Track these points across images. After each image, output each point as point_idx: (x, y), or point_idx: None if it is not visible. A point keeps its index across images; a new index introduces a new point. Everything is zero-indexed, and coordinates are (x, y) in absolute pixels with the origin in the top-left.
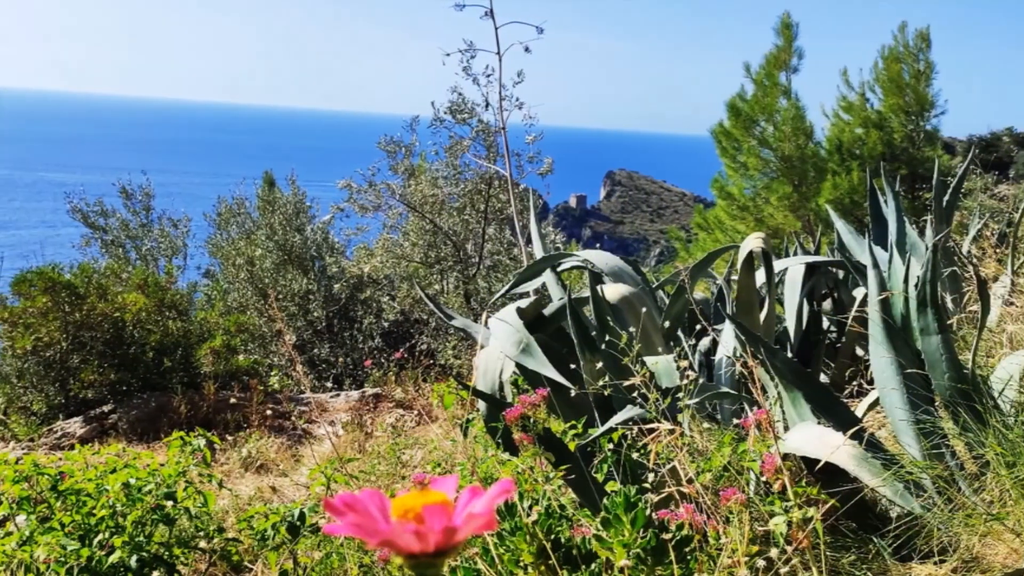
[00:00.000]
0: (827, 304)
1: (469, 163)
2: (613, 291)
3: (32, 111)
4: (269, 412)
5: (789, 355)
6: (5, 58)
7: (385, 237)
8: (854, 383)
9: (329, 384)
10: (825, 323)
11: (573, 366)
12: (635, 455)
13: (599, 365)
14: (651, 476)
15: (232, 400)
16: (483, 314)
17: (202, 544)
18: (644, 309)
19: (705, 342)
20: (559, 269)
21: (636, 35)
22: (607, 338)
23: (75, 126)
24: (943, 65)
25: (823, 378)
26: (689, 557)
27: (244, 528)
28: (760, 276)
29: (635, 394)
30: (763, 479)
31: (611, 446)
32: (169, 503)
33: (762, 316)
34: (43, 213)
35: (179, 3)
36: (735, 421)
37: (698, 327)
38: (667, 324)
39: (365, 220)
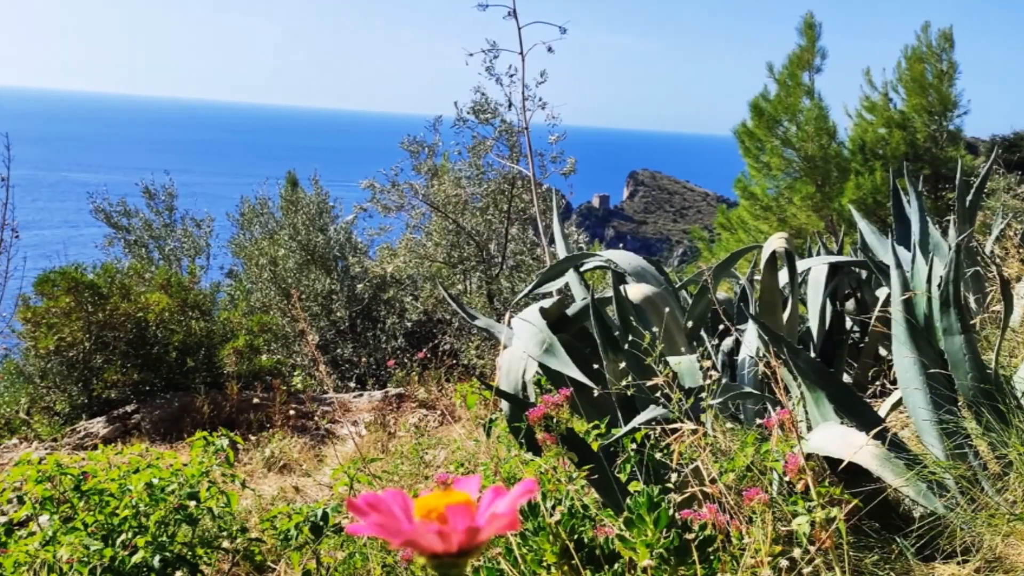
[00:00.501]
0: (850, 304)
1: (492, 163)
2: (636, 291)
3: (56, 111)
4: (292, 412)
5: (812, 355)
6: (28, 58)
7: (408, 237)
8: (877, 383)
9: (352, 384)
10: (848, 323)
11: (596, 366)
12: (658, 455)
13: (622, 365)
14: (674, 476)
15: (255, 400)
16: (506, 314)
17: (225, 544)
18: (667, 309)
19: (728, 342)
20: (582, 269)
21: (659, 35)
22: (630, 338)
23: (98, 126)
24: (966, 65)
25: (846, 378)
26: (712, 557)
27: (267, 528)
28: (783, 276)
29: (658, 394)
30: (786, 479)
31: (634, 446)
32: (192, 503)
33: (785, 316)
34: (66, 213)
35: (203, 2)
36: (758, 421)
37: (721, 327)
38: (690, 324)
39: (388, 220)
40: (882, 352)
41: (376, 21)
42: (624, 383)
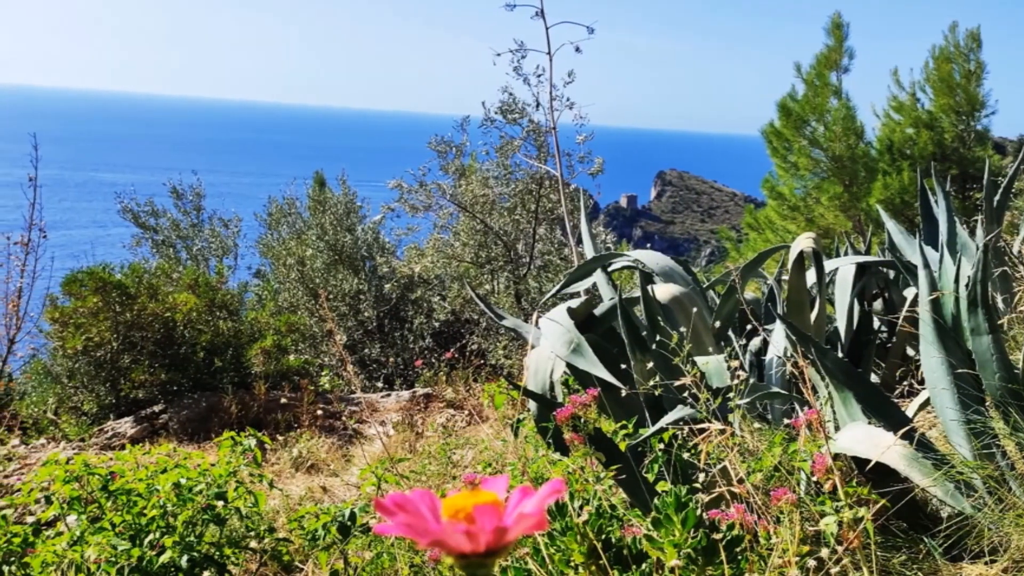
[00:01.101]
0: (878, 304)
1: (520, 163)
2: (664, 291)
3: (83, 111)
4: (320, 412)
5: (840, 355)
6: (55, 58)
7: (436, 237)
8: (905, 383)
9: (380, 384)
10: (876, 323)
11: (624, 366)
12: (686, 455)
13: (650, 365)
14: (702, 476)
15: (283, 400)
16: (534, 314)
17: (253, 544)
18: (695, 309)
19: (756, 342)
20: (610, 269)
21: (687, 35)
22: (658, 338)
23: (126, 126)
24: (993, 64)
25: (874, 378)
26: (740, 557)
27: (295, 528)
28: (811, 276)
29: (686, 394)
30: (814, 479)
31: (662, 446)
32: (220, 503)
33: (813, 316)
34: (94, 213)
35: (229, 2)
36: (786, 421)
37: (749, 327)
38: (718, 324)
39: (416, 220)
40: (910, 352)
41: (403, 21)
42: (652, 383)
